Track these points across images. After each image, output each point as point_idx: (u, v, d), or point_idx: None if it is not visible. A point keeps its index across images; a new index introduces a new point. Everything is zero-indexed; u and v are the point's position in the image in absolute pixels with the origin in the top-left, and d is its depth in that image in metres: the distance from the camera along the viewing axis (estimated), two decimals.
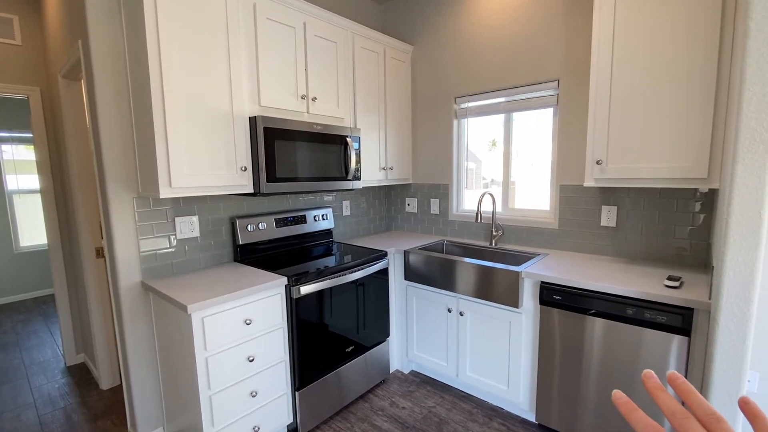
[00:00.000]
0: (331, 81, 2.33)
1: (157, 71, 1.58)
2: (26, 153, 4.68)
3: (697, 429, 0.27)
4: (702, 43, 1.57)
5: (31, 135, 4.53)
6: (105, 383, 2.52)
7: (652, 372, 0.34)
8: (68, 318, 2.83)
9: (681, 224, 1.95)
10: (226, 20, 1.78)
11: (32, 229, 4.66)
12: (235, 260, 2.20)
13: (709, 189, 1.80)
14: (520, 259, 2.40)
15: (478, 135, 2.82)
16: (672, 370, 0.33)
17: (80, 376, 2.71)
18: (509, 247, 2.53)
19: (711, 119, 1.59)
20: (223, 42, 1.78)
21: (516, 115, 2.54)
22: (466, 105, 2.73)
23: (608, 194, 2.15)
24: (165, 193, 1.64)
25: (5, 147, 4.53)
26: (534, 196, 2.54)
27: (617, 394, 0.33)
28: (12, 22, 2.60)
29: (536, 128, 2.48)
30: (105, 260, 2.42)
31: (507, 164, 2.60)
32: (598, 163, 1.87)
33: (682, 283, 1.66)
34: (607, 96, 1.83)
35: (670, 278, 1.66)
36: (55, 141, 2.75)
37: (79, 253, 2.51)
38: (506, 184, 2.62)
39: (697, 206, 1.90)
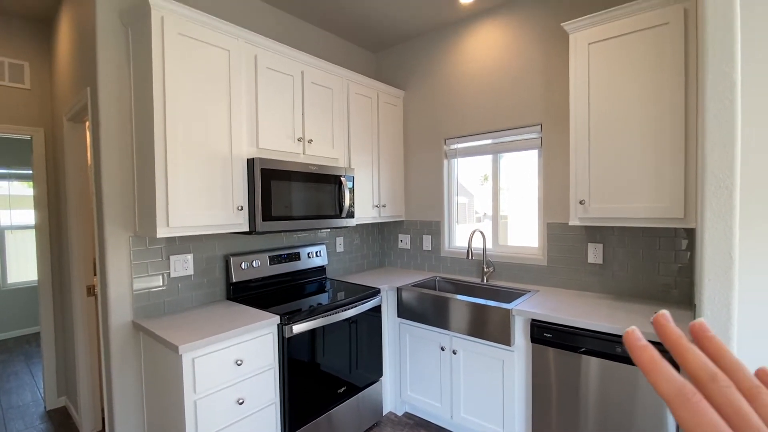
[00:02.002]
0: (326, 124, 2.44)
1: (161, 117, 1.67)
2: (21, 189, 4.71)
3: (743, 403, 0.21)
4: (668, 94, 1.71)
5: (28, 172, 4.59)
6: (86, 428, 2.41)
7: (669, 314, 0.25)
8: (52, 358, 2.76)
9: (665, 262, 2.02)
10: (229, 70, 1.90)
11: (20, 265, 4.60)
12: (228, 298, 2.20)
13: (687, 228, 1.88)
14: (511, 295, 2.43)
15: (471, 169, 2.93)
16: (700, 319, 0.26)
17: (60, 420, 2.60)
18: (500, 283, 2.56)
19: (683, 162, 1.69)
20: (224, 90, 1.89)
21: (503, 155, 2.66)
22: (455, 146, 2.86)
23: (594, 232, 2.23)
24: (162, 233, 1.67)
25: (2, 183, 4.57)
26: (524, 232, 2.61)
27: (635, 333, 0.25)
28: (23, 67, 2.72)
29: (524, 166, 2.59)
30: (96, 299, 2.40)
31: (496, 202, 2.69)
32: (581, 203, 1.96)
33: None
34: (586, 140, 1.94)
35: None
36: (54, 178, 2.80)
37: (70, 290, 2.49)
38: (496, 221, 2.69)
39: (680, 244, 1.97)
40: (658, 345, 0.25)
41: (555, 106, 2.34)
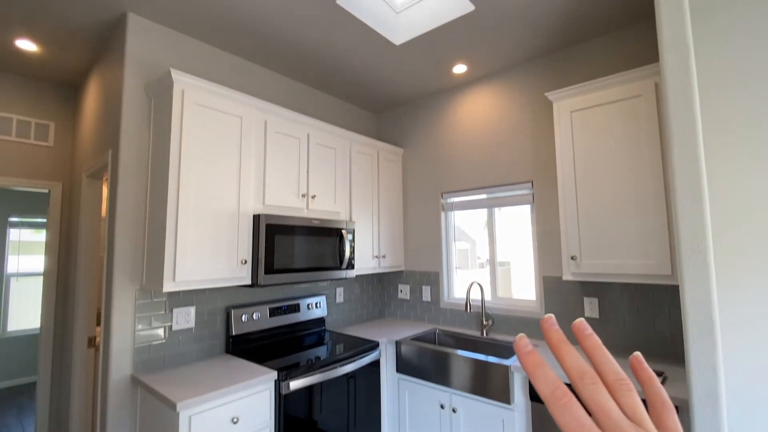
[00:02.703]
0: (329, 181, 2.58)
1: (175, 177, 1.80)
2: (31, 235, 4.83)
3: (605, 399, 0.24)
4: (647, 156, 1.84)
5: (41, 220, 4.74)
6: None
7: (553, 318, 0.28)
8: (46, 411, 2.70)
9: (661, 316, 2.04)
10: (240, 134, 2.07)
11: (21, 313, 4.61)
12: (227, 351, 2.21)
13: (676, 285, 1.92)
14: (510, 350, 2.42)
15: (471, 215, 3.02)
16: (581, 319, 0.28)
17: None
18: (500, 337, 2.55)
19: (665, 221, 1.78)
20: (236, 152, 2.04)
21: (498, 209, 2.77)
22: (451, 200, 2.98)
23: (588, 287, 2.27)
24: (168, 287, 1.74)
25: (12, 230, 4.70)
26: (524, 281, 2.65)
27: (523, 340, 0.27)
28: (48, 127, 2.94)
29: (520, 217, 2.68)
30: (96, 350, 2.41)
31: (493, 254, 2.75)
32: (573, 258, 2.02)
33: (665, 379, 1.69)
34: (573, 198, 2.05)
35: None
36: (67, 227, 2.92)
37: (71, 340, 2.51)
38: (493, 272, 2.74)
39: (673, 299, 2.01)
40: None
41: (544, 164, 2.48)
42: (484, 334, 2.60)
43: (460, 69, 2.69)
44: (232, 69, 2.45)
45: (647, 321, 2.07)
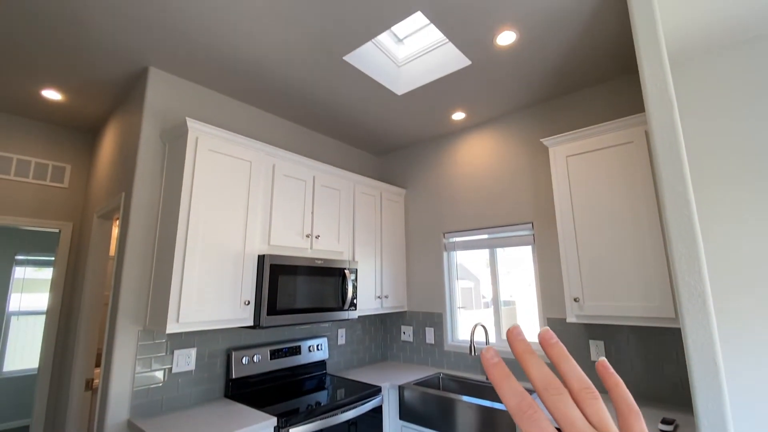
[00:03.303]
0: (333, 221, 2.64)
1: (185, 220, 1.86)
2: (35, 273, 4.86)
3: (570, 408, 0.24)
4: (642, 199, 1.89)
5: (47, 258, 4.79)
6: None
7: (519, 328, 0.27)
8: None
9: (669, 361, 2.00)
10: (249, 178, 2.16)
11: (18, 353, 4.54)
12: (226, 395, 2.16)
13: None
14: None
15: (475, 254, 3.03)
16: (546, 327, 0.28)
17: None
18: None
19: (665, 263, 1.80)
20: (244, 194, 2.12)
21: (500, 249, 2.79)
22: (453, 239, 3.02)
23: (593, 329, 2.24)
24: (171, 328, 1.75)
25: (17, 268, 4.74)
26: (527, 323, 2.61)
27: (489, 352, 0.27)
28: (65, 169, 3.07)
29: (521, 258, 2.70)
30: (93, 393, 2.37)
31: (496, 294, 2.74)
32: (575, 300, 2.02)
33: (676, 426, 1.64)
34: (573, 240, 2.08)
35: (664, 421, 1.64)
36: (74, 266, 2.95)
37: (69, 382, 2.46)
38: (497, 314, 2.72)
39: (679, 343, 1.98)
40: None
41: (544, 206, 2.54)
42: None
43: (458, 116, 2.83)
44: (243, 116, 2.59)
45: (656, 366, 2.03)
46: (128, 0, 1.67)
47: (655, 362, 2.03)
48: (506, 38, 1.96)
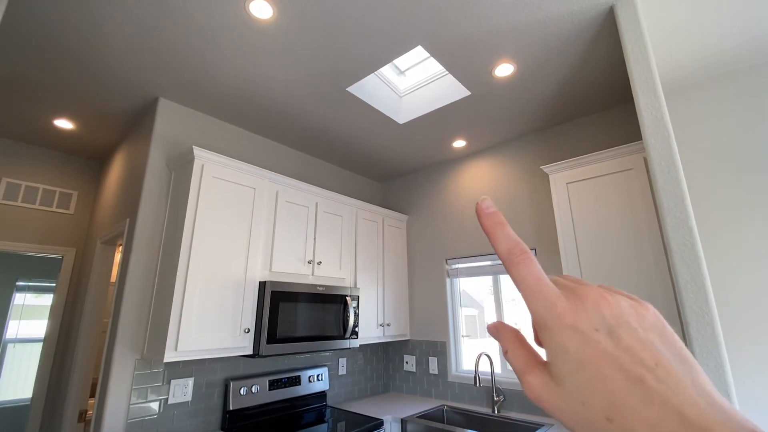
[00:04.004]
0: (335, 247, 2.64)
1: (188, 246, 1.87)
2: (34, 299, 4.83)
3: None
4: (644, 225, 1.88)
5: (48, 284, 4.77)
6: None
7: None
8: None
9: None
10: (253, 205, 2.18)
11: (15, 382, 4.44)
12: (223, 428, 2.09)
13: None
14: (524, 430, 2.26)
15: (478, 281, 2.99)
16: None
17: None
18: (513, 414, 2.40)
19: (671, 291, 1.77)
20: (247, 221, 2.13)
21: (503, 277, 2.77)
22: (456, 266, 3.00)
23: None
24: (169, 357, 1.72)
25: (17, 294, 4.71)
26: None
27: (486, 201, 0.26)
28: (72, 196, 3.11)
29: None
30: (86, 426, 2.29)
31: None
32: None
33: None
34: (577, 267, 2.06)
35: None
36: (75, 292, 2.94)
37: (62, 413, 2.39)
38: None
39: None
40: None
41: (546, 233, 2.53)
42: (496, 412, 2.44)
43: (459, 144, 2.88)
44: (248, 143, 2.64)
45: None
46: (140, 35, 1.75)
47: None
48: (504, 70, 2.02)
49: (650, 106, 1.45)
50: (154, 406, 1.90)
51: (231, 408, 2.10)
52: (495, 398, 2.48)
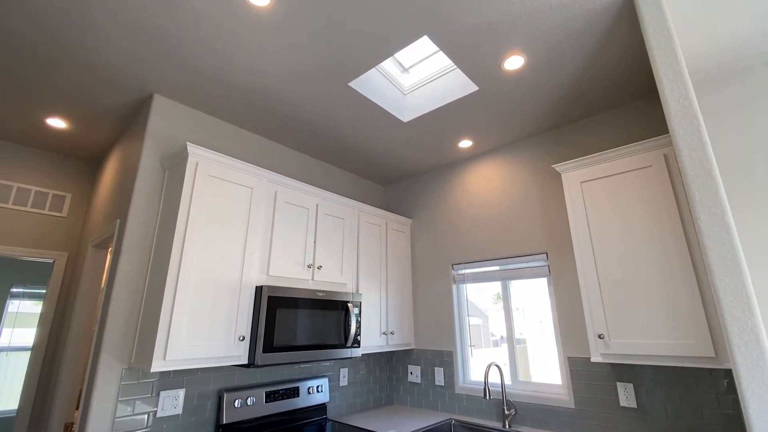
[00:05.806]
0: (336, 251, 2.52)
1: (179, 248, 1.76)
2: (29, 307, 4.71)
3: None
4: (667, 225, 1.76)
5: (40, 291, 4.66)
6: None
7: None
8: None
9: (709, 407, 1.78)
10: (250, 205, 2.07)
11: (4, 392, 4.30)
12: None
13: (725, 368, 1.71)
14: None
15: (483, 289, 2.85)
16: None
17: None
18: (525, 429, 2.24)
19: (698, 294, 1.63)
20: (243, 222, 2.02)
21: (512, 282, 2.63)
22: (462, 271, 2.87)
23: (621, 370, 2.04)
24: (157, 366, 1.59)
25: (13, 301, 4.60)
26: (545, 361, 2.40)
27: None
28: (65, 198, 3.01)
29: (536, 291, 2.53)
30: None
31: (510, 332, 2.55)
32: (600, 337, 1.84)
33: None
34: (593, 271, 1.93)
35: None
36: (65, 298, 2.82)
37: (47, 426, 2.26)
38: (512, 353, 2.51)
39: (720, 386, 1.77)
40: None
41: (559, 235, 2.41)
42: (507, 426, 2.29)
43: (465, 144, 2.77)
44: (245, 143, 2.55)
45: (693, 412, 1.81)
46: (132, 30, 1.66)
47: (692, 408, 1.81)
48: (514, 63, 1.92)
49: (677, 94, 1.33)
50: (142, 419, 1.77)
51: (224, 421, 1.96)
52: (506, 412, 2.33)
